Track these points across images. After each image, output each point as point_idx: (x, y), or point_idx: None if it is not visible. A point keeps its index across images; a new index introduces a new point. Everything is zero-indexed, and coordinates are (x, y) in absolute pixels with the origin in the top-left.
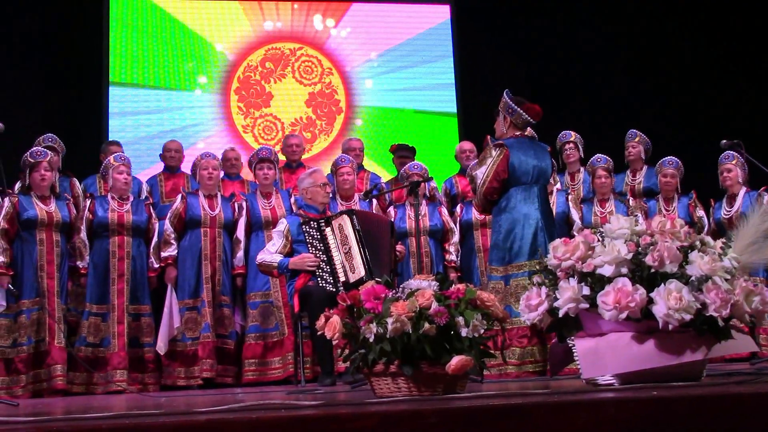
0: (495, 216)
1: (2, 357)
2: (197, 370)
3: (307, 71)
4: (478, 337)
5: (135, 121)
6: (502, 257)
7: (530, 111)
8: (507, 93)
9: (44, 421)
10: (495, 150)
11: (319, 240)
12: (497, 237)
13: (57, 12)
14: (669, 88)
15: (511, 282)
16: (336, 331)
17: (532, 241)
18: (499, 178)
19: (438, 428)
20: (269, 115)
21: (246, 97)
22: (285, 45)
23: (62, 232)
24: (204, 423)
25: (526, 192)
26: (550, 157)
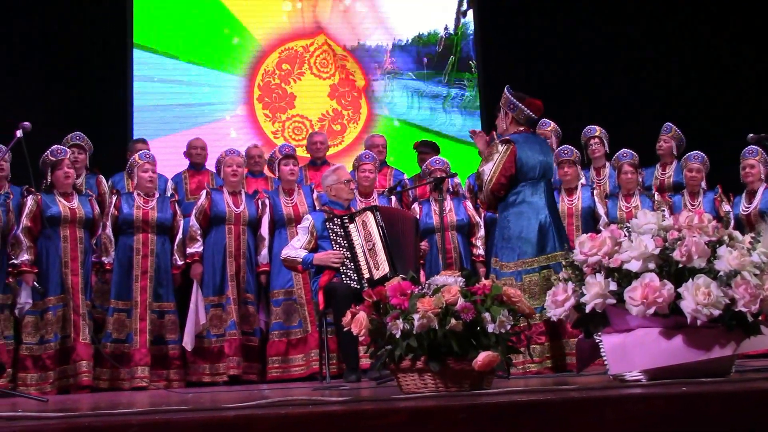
0: (502, 212)
1: (30, 354)
2: (223, 366)
3: (324, 64)
4: (505, 333)
5: (160, 90)
6: (512, 253)
7: (532, 106)
8: (508, 89)
9: (75, 416)
10: (502, 146)
11: (342, 237)
12: (506, 233)
13: (81, 9)
14: (698, 82)
15: (524, 278)
16: (362, 327)
17: (540, 237)
18: (507, 174)
19: (467, 424)
20: (296, 116)
21: (270, 103)
22: (297, 43)
23: (85, 229)
24: (232, 419)
25: (534, 187)
26: (552, 151)
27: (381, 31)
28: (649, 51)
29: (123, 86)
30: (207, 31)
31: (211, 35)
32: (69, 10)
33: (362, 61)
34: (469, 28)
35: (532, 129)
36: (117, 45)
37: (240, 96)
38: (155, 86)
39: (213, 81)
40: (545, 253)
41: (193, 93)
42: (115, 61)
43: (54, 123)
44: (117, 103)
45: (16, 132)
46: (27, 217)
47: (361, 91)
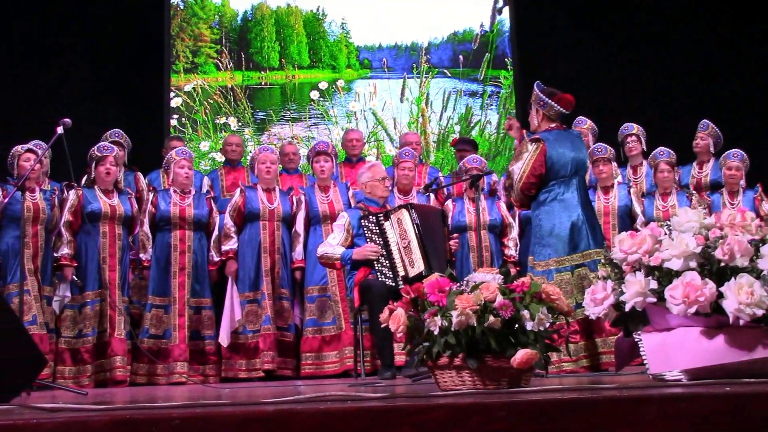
0: (534, 210)
1: (68, 347)
2: (258, 362)
3: None
4: (543, 331)
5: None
6: (544, 252)
7: (562, 102)
8: (538, 85)
9: (117, 409)
10: (531, 144)
11: (378, 234)
12: (538, 231)
13: (120, 8)
14: (736, 78)
15: (555, 277)
16: (400, 324)
17: (573, 235)
18: (536, 173)
19: (506, 422)
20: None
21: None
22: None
23: (124, 226)
24: (272, 413)
25: (566, 185)
26: (585, 148)
27: (417, 29)
28: (686, 47)
29: (160, 82)
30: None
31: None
32: (107, 7)
33: (398, 60)
34: (504, 25)
35: (565, 124)
36: (155, 41)
37: None
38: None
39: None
40: (578, 251)
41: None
42: (153, 56)
43: (93, 119)
44: (154, 99)
45: (57, 128)
46: (69, 211)
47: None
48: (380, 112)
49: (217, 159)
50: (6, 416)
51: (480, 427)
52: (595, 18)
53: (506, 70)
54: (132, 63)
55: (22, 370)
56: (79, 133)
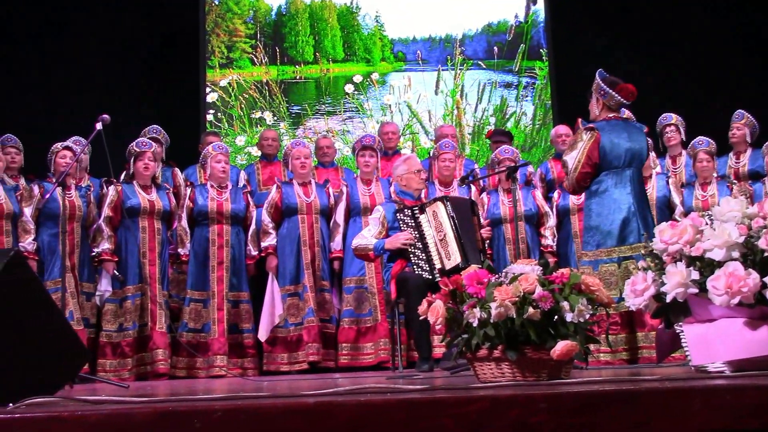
0: (586, 200)
1: (109, 341)
2: (302, 355)
3: None
4: (583, 323)
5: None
6: (593, 242)
7: (623, 92)
8: (600, 73)
9: (159, 401)
10: (586, 134)
11: (413, 227)
12: (588, 221)
13: (156, 5)
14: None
15: (600, 268)
16: (439, 316)
17: (623, 227)
18: (591, 162)
19: (547, 413)
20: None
21: None
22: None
23: (162, 220)
24: (313, 406)
25: (618, 176)
26: (646, 138)
27: (451, 20)
28: (722, 37)
29: (195, 77)
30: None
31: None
32: (143, 4)
33: (432, 52)
34: (539, 15)
35: (625, 115)
36: (190, 37)
37: None
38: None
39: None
40: (627, 244)
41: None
42: (189, 52)
43: (130, 116)
44: (190, 94)
45: (96, 124)
46: (108, 207)
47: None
48: (415, 105)
49: (253, 153)
50: (51, 408)
51: (521, 418)
52: (630, 5)
53: (541, 60)
54: (168, 59)
55: (66, 363)
56: (116, 129)
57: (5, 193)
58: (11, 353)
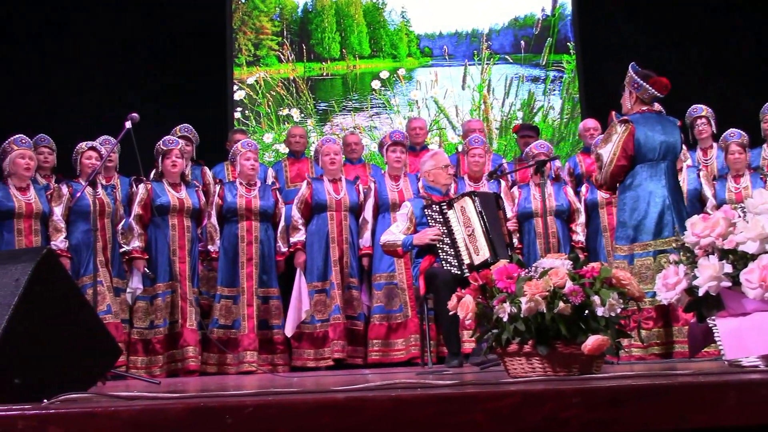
0: (620, 194)
1: (141, 338)
2: (327, 351)
3: None
4: (615, 317)
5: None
6: (627, 236)
7: (657, 85)
8: (633, 66)
9: (191, 397)
10: (620, 126)
11: (441, 223)
12: (622, 215)
13: (183, 4)
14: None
15: (636, 262)
16: (469, 311)
17: (657, 220)
18: (627, 155)
19: (579, 408)
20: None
21: None
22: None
23: (192, 218)
24: (343, 401)
25: (653, 169)
26: (679, 132)
27: (477, 15)
28: (753, 28)
29: (223, 75)
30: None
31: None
32: (171, 3)
33: (459, 47)
34: (566, 9)
35: (658, 108)
36: (217, 35)
37: None
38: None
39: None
40: (662, 237)
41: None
42: (216, 50)
43: (158, 114)
44: (217, 92)
45: (125, 123)
46: (138, 205)
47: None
48: (442, 100)
49: (281, 150)
50: (84, 404)
51: (553, 413)
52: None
53: (569, 54)
54: (195, 58)
55: (98, 360)
56: (145, 128)
57: (35, 193)
58: (45, 350)
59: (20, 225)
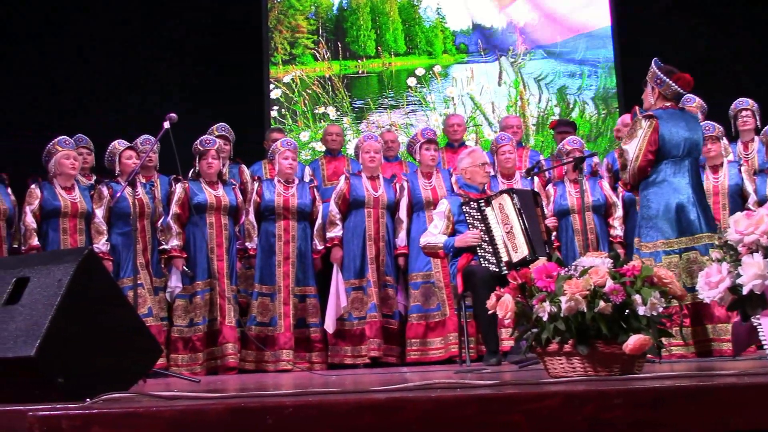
0: (642, 191)
1: (180, 336)
2: (364, 349)
3: None
4: (656, 316)
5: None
6: (652, 234)
7: (680, 81)
8: (655, 62)
9: (231, 397)
10: (645, 121)
11: (480, 220)
12: (646, 212)
13: (219, 3)
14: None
15: (663, 259)
16: (508, 310)
17: (683, 217)
18: (653, 150)
19: (622, 409)
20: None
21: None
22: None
23: (230, 216)
24: (384, 401)
25: (677, 165)
26: (702, 128)
27: (512, 10)
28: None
29: (259, 74)
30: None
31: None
32: (207, 2)
33: (491, 41)
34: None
35: (680, 105)
36: (253, 34)
37: None
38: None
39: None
40: (688, 234)
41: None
42: (252, 49)
43: (196, 114)
44: (254, 91)
45: (164, 123)
46: (176, 204)
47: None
48: (478, 97)
49: (317, 149)
50: (126, 404)
51: (594, 414)
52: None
53: (605, 48)
54: (232, 57)
55: (140, 359)
56: (183, 127)
57: (80, 193)
58: (87, 349)
59: (65, 224)
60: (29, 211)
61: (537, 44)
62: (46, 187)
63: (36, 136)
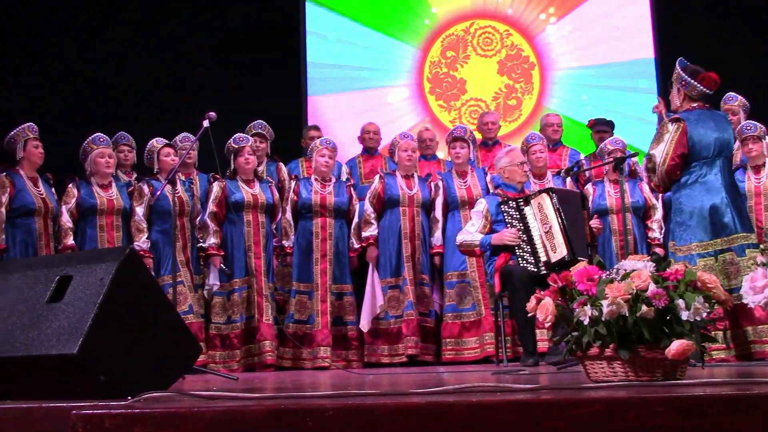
0: (674, 193)
1: (218, 333)
2: (401, 347)
3: (487, 43)
4: (700, 321)
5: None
6: (686, 236)
7: (706, 81)
8: (680, 62)
9: (271, 398)
10: (672, 125)
11: (518, 219)
12: (679, 215)
13: (258, 2)
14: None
15: (698, 262)
16: (549, 314)
17: (717, 219)
18: (679, 154)
19: (665, 417)
20: (470, 100)
21: (442, 93)
22: (458, 27)
23: (266, 214)
24: (424, 406)
25: (709, 166)
26: (732, 128)
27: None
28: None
29: (297, 72)
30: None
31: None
32: (245, 1)
33: (532, 39)
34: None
35: (708, 104)
36: (291, 32)
37: (412, 67)
38: (329, 43)
39: (386, 48)
40: (723, 236)
41: (365, 56)
42: (290, 47)
43: (234, 112)
44: (291, 89)
45: (203, 122)
46: (213, 203)
47: (533, 65)
48: None
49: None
50: (168, 404)
51: (637, 421)
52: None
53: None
54: (270, 54)
55: (180, 357)
56: (221, 125)
57: (117, 190)
58: (128, 348)
59: (102, 221)
60: (65, 210)
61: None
62: (83, 186)
63: (79, 135)
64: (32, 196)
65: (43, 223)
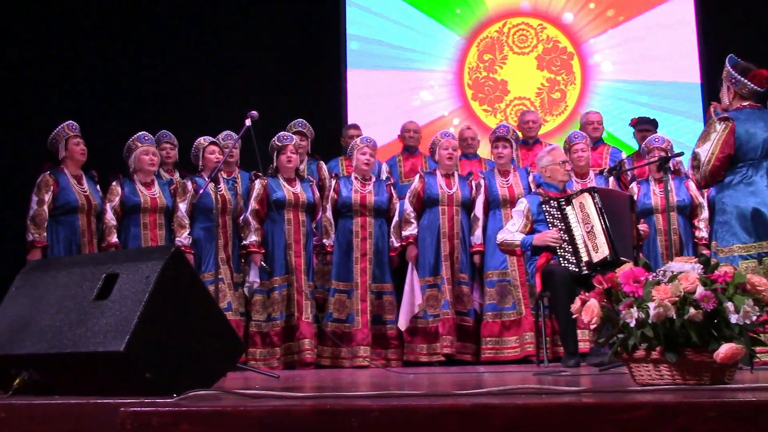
0: (718, 193)
1: (258, 331)
2: (438, 346)
3: (522, 39)
4: (749, 324)
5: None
6: (729, 237)
7: (757, 78)
8: (730, 59)
9: (317, 397)
10: (720, 124)
11: (560, 219)
12: (722, 216)
13: (299, 1)
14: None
15: (740, 264)
16: (594, 315)
17: (761, 221)
18: (726, 154)
19: (716, 423)
20: (514, 100)
21: (485, 98)
22: (491, 29)
23: (307, 212)
24: (469, 408)
25: (755, 168)
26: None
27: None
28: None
29: (337, 71)
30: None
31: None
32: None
33: (567, 30)
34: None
35: (760, 103)
36: (332, 31)
37: (455, 54)
38: (371, 18)
39: (430, 31)
40: (766, 239)
41: (409, 37)
42: (330, 46)
43: (275, 111)
44: (332, 88)
45: (245, 120)
46: (255, 200)
47: (571, 55)
48: None
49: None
50: (213, 402)
51: (687, 427)
52: None
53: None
54: (310, 53)
55: (223, 354)
56: (263, 124)
57: (159, 188)
58: (173, 345)
59: (146, 219)
60: (109, 208)
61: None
62: (127, 184)
63: (123, 132)
64: (75, 193)
65: (86, 220)
